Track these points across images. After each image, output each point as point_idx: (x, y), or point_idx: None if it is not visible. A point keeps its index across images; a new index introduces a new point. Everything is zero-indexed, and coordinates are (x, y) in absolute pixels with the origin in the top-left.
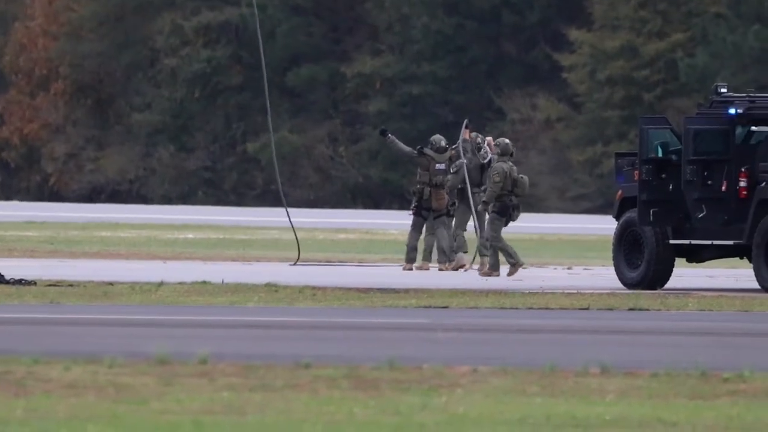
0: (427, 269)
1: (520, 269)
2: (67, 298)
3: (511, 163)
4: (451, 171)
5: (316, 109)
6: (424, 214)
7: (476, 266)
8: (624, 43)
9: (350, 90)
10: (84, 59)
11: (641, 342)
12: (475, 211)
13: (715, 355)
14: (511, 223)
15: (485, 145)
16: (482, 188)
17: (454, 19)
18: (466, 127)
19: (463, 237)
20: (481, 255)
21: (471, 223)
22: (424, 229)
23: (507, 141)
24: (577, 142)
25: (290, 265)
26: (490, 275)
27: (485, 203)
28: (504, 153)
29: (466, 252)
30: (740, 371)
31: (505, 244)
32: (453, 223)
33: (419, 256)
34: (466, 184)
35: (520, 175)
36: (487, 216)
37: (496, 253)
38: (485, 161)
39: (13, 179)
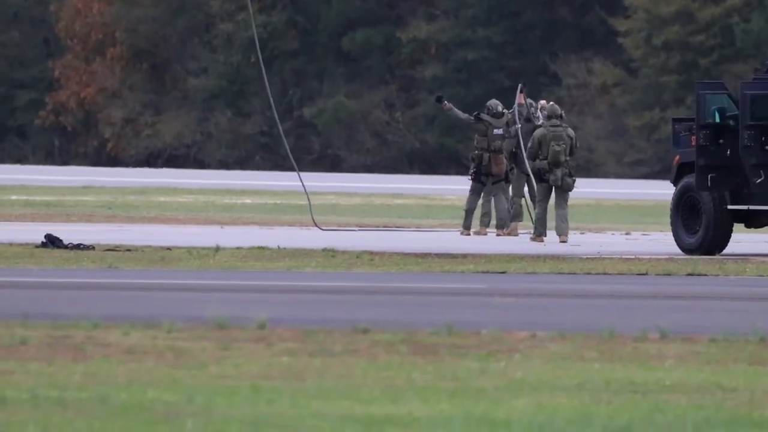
0: (485, 234)
1: (539, 242)
2: (125, 263)
3: (560, 127)
4: (506, 136)
5: (371, 74)
6: (483, 179)
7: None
8: (679, 8)
9: (405, 55)
10: (139, 24)
11: (700, 307)
12: (527, 176)
13: None
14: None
15: (539, 109)
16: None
17: None
18: (521, 92)
19: (520, 205)
20: (512, 220)
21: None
22: (482, 194)
23: (552, 103)
24: (633, 107)
25: (323, 229)
26: (535, 240)
27: (520, 167)
28: (551, 116)
29: (521, 221)
30: None
31: (540, 211)
32: (510, 189)
33: (476, 221)
34: (520, 149)
35: (556, 145)
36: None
37: (540, 218)
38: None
39: (71, 144)
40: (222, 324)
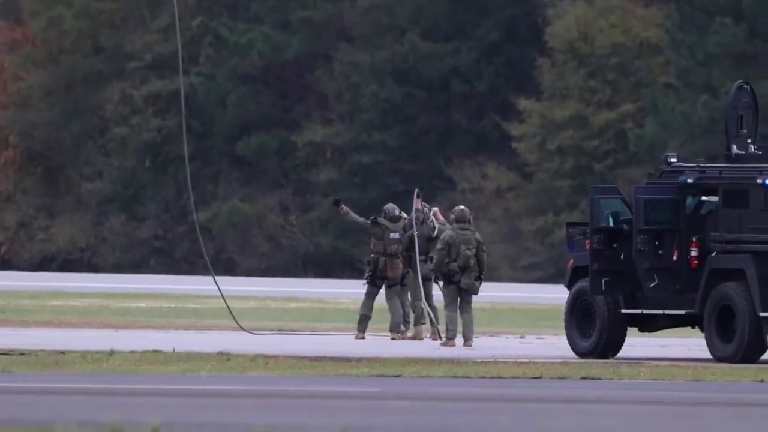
0: (421, 338)
1: (451, 347)
2: (19, 367)
3: (468, 231)
4: (402, 240)
5: (266, 178)
6: (378, 283)
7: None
8: (573, 112)
9: (301, 159)
10: (34, 128)
11: (594, 411)
12: (420, 279)
13: (668, 425)
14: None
15: (431, 215)
16: (429, 256)
17: (404, 88)
18: (418, 197)
19: (422, 308)
20: (415, 324)
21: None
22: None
23: (462, 207)
24: (528, 211)
25: (252, 333)
26: (447, 345)
27: (432, 271)
28: (459, 220)
29: (424, 323)
30: None
31: (452, 314)
32: (408, 294)
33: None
34: (414, 253)
35: (466, 249)
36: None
37: (453, 320)
38: (434, 233)
39: None
40: (116, 428)
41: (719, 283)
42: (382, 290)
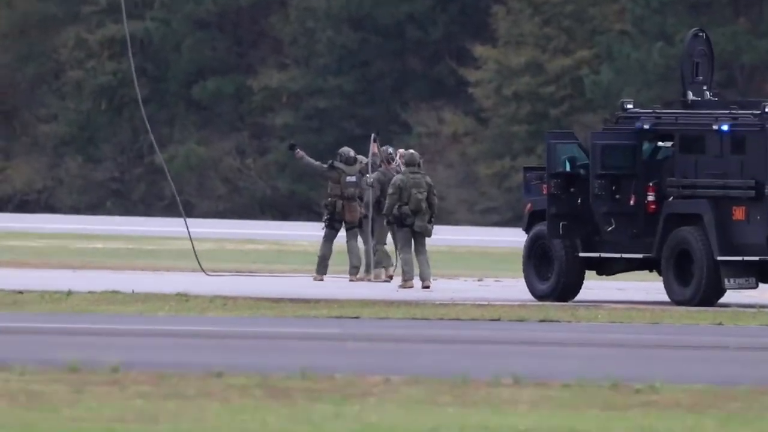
0: (369, 280)
1: (409, 288)
2: None
3: (418, 174)
4: (366, 185)
5: (223, 122)
6: (336, 226)
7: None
8: (529, 59)
9: (257, 103)
10: None
11: (553, 353)
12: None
13: (627, 367)
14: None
15: (398, 157)
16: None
17: (359, 34)
18: (375, 141)
19: (385, 251)
20: (376, 267)
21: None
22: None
23: (412, 151)
24: (484, 156)
25: (207, 274)
26: (405, 287)
27: (384, 216)
28: (409, 164)
29: (389, 266)
30: (651, 382)
31: (407, 257)
32: (373, 237)
33: (362, 268)
34: (383, 197)
35: (417, 192)
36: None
37: (409, 262)
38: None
39: None
40: (74, 367)
41: (676, 228)
42: (342, 232)
